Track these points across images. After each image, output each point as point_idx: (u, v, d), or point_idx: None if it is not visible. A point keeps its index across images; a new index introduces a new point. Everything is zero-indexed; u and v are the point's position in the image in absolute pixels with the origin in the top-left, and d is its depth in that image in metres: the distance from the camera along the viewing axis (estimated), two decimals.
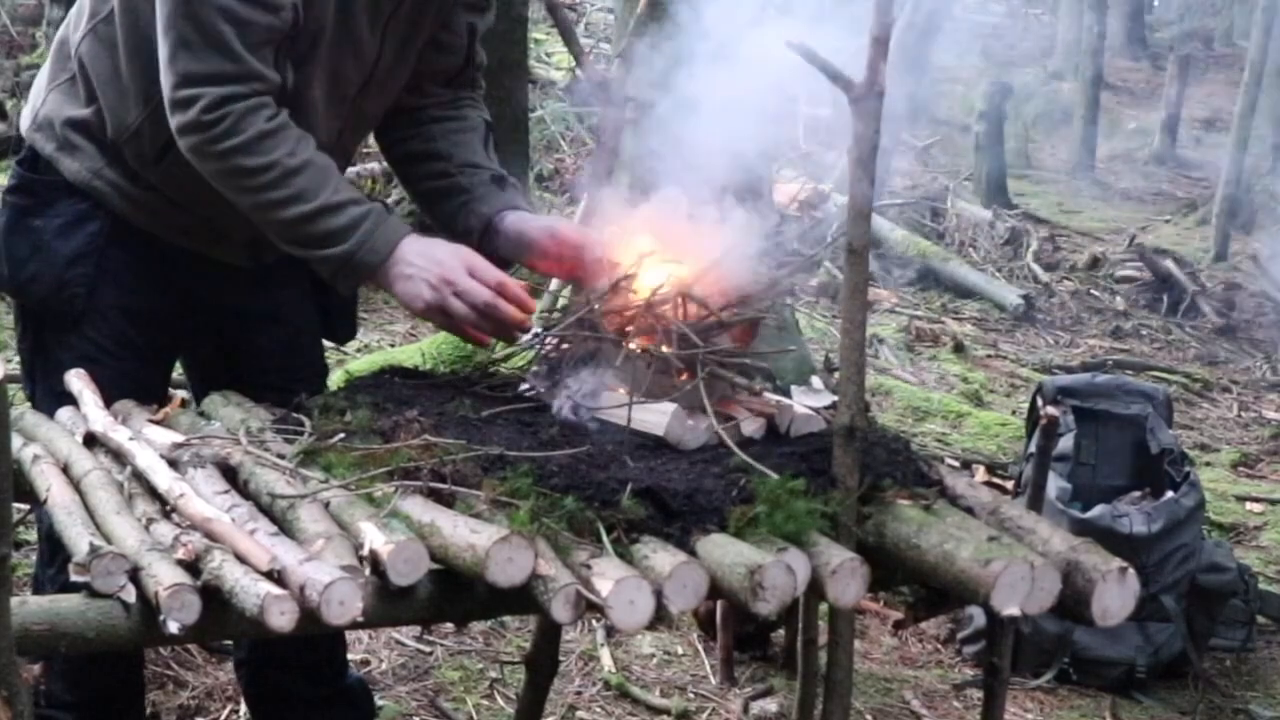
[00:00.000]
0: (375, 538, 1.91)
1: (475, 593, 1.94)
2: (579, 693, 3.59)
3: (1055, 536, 2.08)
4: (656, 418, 2.28)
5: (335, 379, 3.14)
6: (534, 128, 8.88)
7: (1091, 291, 9.28)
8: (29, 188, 2.58)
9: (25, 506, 2.78)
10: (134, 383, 2.52)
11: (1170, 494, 4.16)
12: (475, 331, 2.43)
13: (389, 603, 1.91)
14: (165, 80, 2.35)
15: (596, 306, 2.43)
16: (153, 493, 2.12)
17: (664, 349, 2.35)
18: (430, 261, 2.39)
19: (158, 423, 2.39)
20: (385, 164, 8.10)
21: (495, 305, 2.40)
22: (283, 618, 1.77)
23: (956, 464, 5.20)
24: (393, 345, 6.51)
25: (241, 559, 1.86)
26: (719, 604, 3.62)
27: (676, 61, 2.43)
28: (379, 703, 3.37)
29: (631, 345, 2.37)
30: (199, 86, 2.32)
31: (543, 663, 2.83)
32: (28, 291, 2.57)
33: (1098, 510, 4.05)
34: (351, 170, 6.73)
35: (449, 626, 3.65)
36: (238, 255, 2.65)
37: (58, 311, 2.56)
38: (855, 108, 2.05)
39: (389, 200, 7.64)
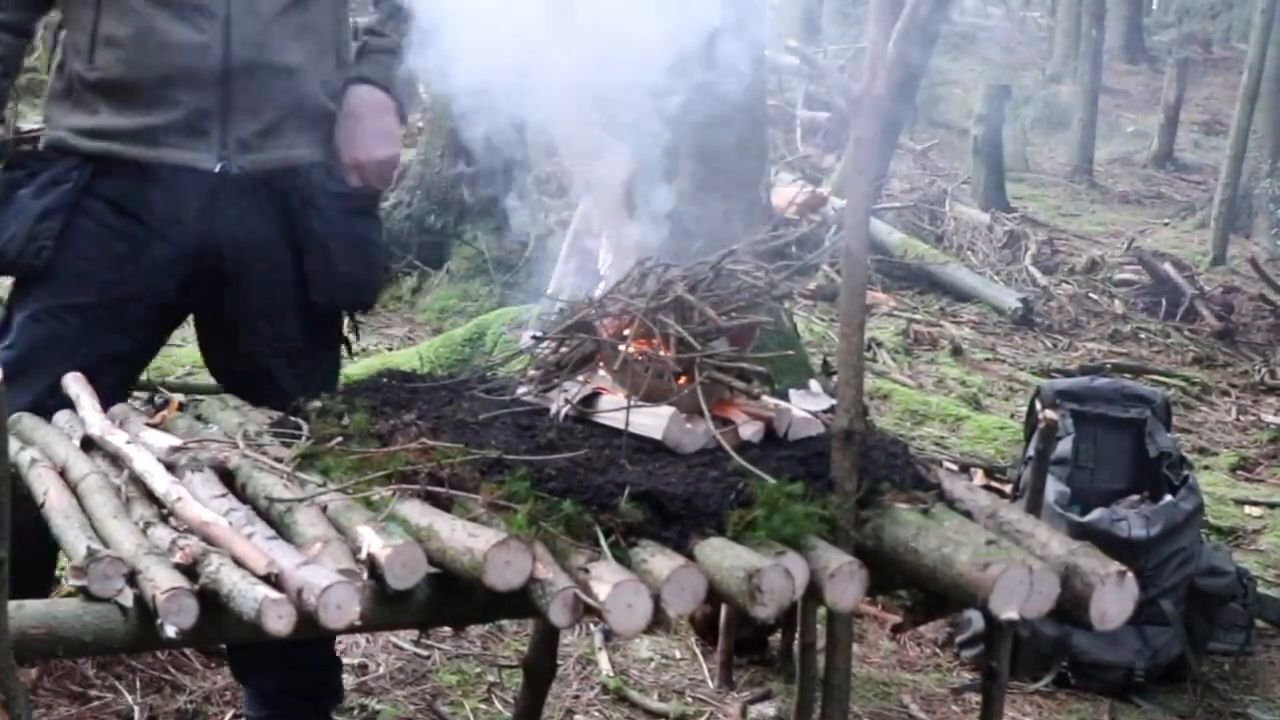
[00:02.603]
0: (373, 541, 1.91)
1: (473, 596, 1.93)
2: (577, 696, 3.59)
3: (1054, 540, 2.08)
4: (654, 421, 2.28)
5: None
6: None
7: (1090, 295, 9.27)
8: (20, 163, 2.76)
9: None
10: (69, 348, 2.62)
11: (1169, 498, 4.15)
12: None
13: (387, 606, 1.91)
14: None
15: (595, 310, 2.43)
16: (150, 496, 2.12)
17: (662, 353, 2.35)
18: None
19: (155, 426, 2.40)
20: None
21: None
22: (280, 621, 1.77)
23: (955, 467, 5.19)
24: (390, 349, 6.51)
25: (239, 562, 1.86)
26: (723, 608, 3.62)
27: None
28: (376, 706, 3.37)
29: (629, 349, 2.37)
30: None
31: (541, 666, 2.83)
32: (5, 253, 2.69)
33: (1096, 514, 4.04)
34: None
35: (447, 630, 3.64)
36: (210, 153, 2.69)
37: (26, 267, 2.69)
38: (854, 112, 2.06)
39: (386, 204, 7.66)
